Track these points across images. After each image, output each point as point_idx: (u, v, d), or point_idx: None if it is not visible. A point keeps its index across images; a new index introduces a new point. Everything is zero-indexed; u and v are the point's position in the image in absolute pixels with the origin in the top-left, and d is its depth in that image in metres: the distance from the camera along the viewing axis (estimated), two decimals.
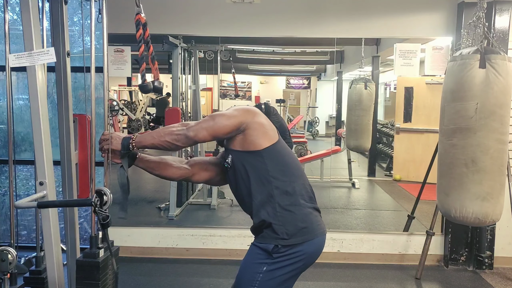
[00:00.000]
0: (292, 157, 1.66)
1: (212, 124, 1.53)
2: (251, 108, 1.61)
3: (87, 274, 1.98)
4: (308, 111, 8.41)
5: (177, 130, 1.54)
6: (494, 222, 2.36)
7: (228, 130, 1.54)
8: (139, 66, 1.83)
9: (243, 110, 1.58)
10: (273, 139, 1.59)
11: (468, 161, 2.27)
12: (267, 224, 1.55)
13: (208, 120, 1.55)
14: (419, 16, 3.40)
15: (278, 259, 1.53)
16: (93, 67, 2.08)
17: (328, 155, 5.72)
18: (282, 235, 1.52)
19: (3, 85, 3.14)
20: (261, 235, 1.58)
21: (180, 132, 1.53)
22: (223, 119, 1.53)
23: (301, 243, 1.55)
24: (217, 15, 3.46)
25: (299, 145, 7.04)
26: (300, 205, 1.57)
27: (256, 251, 1.58)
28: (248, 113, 1.56)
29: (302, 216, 1.57)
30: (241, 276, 1.61)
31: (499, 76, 2.20)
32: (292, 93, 8.48)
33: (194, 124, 1.54)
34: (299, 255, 1.55)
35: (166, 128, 1.58)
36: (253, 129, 1.55)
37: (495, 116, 2.23)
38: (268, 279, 1.53)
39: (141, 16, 1.81)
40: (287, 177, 1.58)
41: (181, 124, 1.57)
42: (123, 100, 7.88)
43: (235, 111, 1.56)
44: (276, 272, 1.53)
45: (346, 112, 5.55)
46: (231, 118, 1.53)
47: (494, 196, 2.28)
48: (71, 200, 2.34)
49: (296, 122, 8.32)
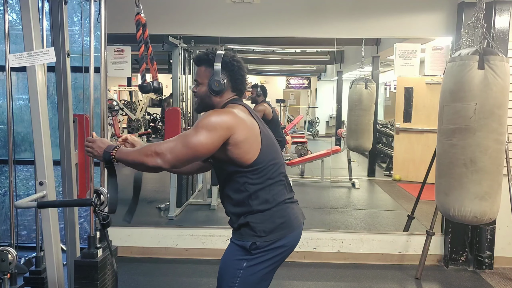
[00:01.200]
0: (272, 153, 1.60)
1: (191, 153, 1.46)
2: (228, 120, 1.49)
3: (85, 274, 1.99)
4: (308, 111, 8.41)
5: (147, 157, 1.45)
6: (491, 220, 2.40)
7: (207, 151, 1.48)
8: (139, 67, 1.84)
9: (222, 127, 1.46)
10: (256, 151, 1.53)
11: (467, 161, 2.30)
12: (243, 223, 1.57)
13: (185, 152, 1.45)
14: (419, 16, 3.40)
15: (257, 255, 1.55)
16: (92, 67, 2.08)
17: (328, 155, 5.72)
18: (259, 232, 1.54)
19: (3, 85, 3.14)
20: (238, 232, 1.59)
21: (150, 161, 1.45)
22: (200, 146, 1.44)
23: (279, 238, 1.57)
24: (217, 15, 3.46)
25: (299, 145, 7.04)
26: (277, 204, 1.59)
27: (234, 248, 1.59)
28: (228, 130, 1.47)
29: (280, 212, 1.59)
30: (222, 273, 1.61)
31: (497, 77, 2.23)
32: (292, 93, 8.48)
33: (169, 153, 1.44)
34: (277, 249, 1.58)
35: (142, 153, 1.48)
36: (235, 146, 1.49)
37: (494, 116, 2.27)
38: (249, 274, 1.55)
39: (141, 16, 1.82)
40: (268, 183, 1.57)
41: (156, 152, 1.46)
42: (123, 100, 7.87)
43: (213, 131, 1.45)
44: (256, 267, 1.56)
45: (347, 112, 5.55)
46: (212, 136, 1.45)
47: (492, 195, 2.32)
48: (71, 200, 2.34)
49: (296, 122, 8.31)
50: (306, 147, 6.99)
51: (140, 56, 1.83)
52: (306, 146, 7.02)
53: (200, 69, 1.62)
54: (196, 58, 1.64)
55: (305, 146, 7.03)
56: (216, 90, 1.57)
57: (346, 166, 5.98)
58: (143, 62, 1.83)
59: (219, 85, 1.57)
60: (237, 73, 1.61)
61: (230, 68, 1.59)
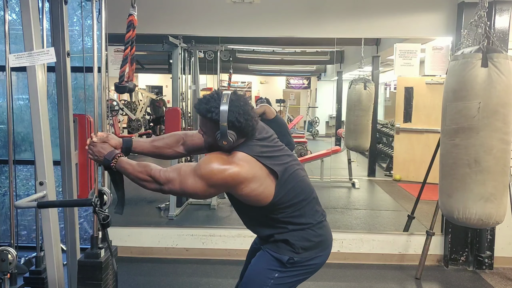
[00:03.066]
0: (295, 184, 1.55)
1: (181, 193, 1.52)
2: (229, 179, 1.43)
3: (89, 274, 1.99)
4: (308, 111, 8.41)
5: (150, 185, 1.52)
6: (497, 224, 2.30)
7: (205, 198, 1.52)
8: (121, 67, 1.84)
9: (221, 185, 1.44)
10: (271, 191, 1.49)
11: (471, 161, 2.23)
12: (281, 239, 1.56)
13: (175, 185, 1.47)
14: (419, 16, 3.40)
15: (291, 269, 1.56)
16: (96, 67, 2.08)
17: (328, 155, 5.72)
18: (297, 250, 1.55)
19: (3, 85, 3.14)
20: (275, 245, 1.58)
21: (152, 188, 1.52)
22: (195, 194, 1.46)
23: (316, 255, 1.59)
24: (217, 15, 3.46)
25: (299, 145, 7.03)
26: (312, 223, 1.59)
27: (269, 257, 1.59)
28: (227, 188, 1.47)
29: (315, 230, 1.59)
30: (251, 278, 1.61)
31: (501, 75, 2.17)
32: (292, 93, 8.47)
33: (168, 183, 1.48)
34: (311, 266, 1.60)
35: (145, 174, 1.52)
36: (243, 196, 1.48)
37: (498, 115, 2.20)
38: (278, 284, 1.56)
39: (134, 18, 1.82)
40: (296, 208, 1.56)
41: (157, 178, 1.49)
42: (123, 100, 7.87)
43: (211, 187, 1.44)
44: (287, 279, 1.57)
45: (346, 112, 5.55)
46: (209, 190, 1.45)
47: (497, 196, 2.24)
48: (71, 200, 2.34)
49: (296, 122, 8.31)
50: (306, 147, 6.98)
51: (124, 57, 1.84)
52: (306, 146, 7.02)
53: (204, 121, 1.52)
54: (199, 109, 1.51)
55: (305, 146, 7.02)
56: (226, 146, 1.49)
57: (346, 166, 5.98)
58: (125, 62, 1.84)
59: (228, 143, 1.48)
60: (246, 126, 1.48)
61: (238, 126, 1.47)
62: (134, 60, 1.89)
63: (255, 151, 1.50)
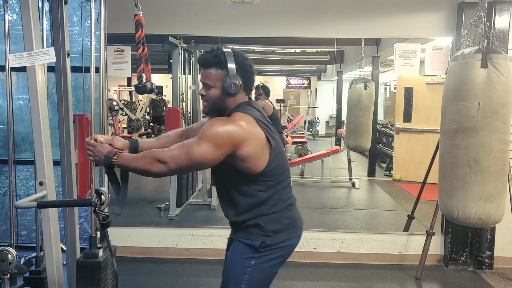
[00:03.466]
0: (281, 162, 1.58)
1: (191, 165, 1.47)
2: (234, 135, 1.45)
3: (88, 274, 1.99)
4: (308, 111, 8.41)
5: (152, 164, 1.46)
6: (496, 223, 2.33)
7: (211, 164, 1.50)
8: (137, 67, 1.84)
9: (227, 143, 1.44)
10: (264, 161, 1.51)
11: (471, 162, 2.24)
12: (252, 224, 1.57)
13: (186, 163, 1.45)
14: (419, 16, 3.40)
15: (265, 253, 1.57)
16: (93, 67, 2.08)
17: (328, 155, 5.72)
18: (268, 232, 1.56)
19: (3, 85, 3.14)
20: (245, 231, 1.59)
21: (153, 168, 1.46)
22: (203, 159, 1.44)
23: (287, 237, 1.61)
24: (217, 15, 3.46)
25: (299, 145, 7.04)
26: (284, 206, 1.61)
27: (242, 246, 1.59)
28: (233, 146, 1.45)
29: (286, 213, 1.62)
30: (229, 271, 1.61)
31: (501, 76, 2.18)
32: (292, 93, 8.47)
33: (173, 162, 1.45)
34: (284, 248, 1.61)
35: (146, 159, 1.48)
36: (241, 160, 1.48)
37: (498, 115, 2.21)
38: (256, 272, 1.57)
39: (141, 17, 1.82)
40: (276, 189, 1.58)
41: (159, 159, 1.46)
42: (123, 100, 7.87)
43: (218, 146, 1.43)
44: (264, 265, 1.58)
45: (346, 112, 5.55)
46: (216, 152, 1.44)
47: (497, 196, 2.25)
48: (71, 200, 2.34)
49: (296, 122, 8.31)
50: (306, 147, 6.99)
51: (138, 57, 1.84)
52: (306, 146, 7.02)
53: (209, 72, 1.54)
54: (204, 60, 1.54)
55: (305, 146, 7.03)
56: (233, 93, 1.52)
57: (346, 166, 5.98)
58: (141, 62, 1.84)
59: (235, 88, 1.51)
60: (250, 72, 1.57)
61: (243, 69, 1.54)
62: (148, 60, 1.88)
63: (256, 115, 1.53)
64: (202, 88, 1.58)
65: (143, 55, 1.84)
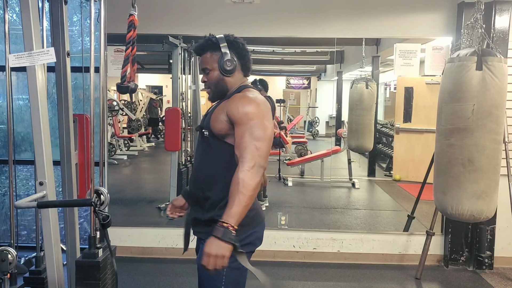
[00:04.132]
0: None
1: (268, 143, 1.46)
2: (265, 108, 1.51)
3: (87, 274, 1.99)
4: (308, 111, 8.42)
5: (253, 180, 1.39)
6: (488, 218, 2.44)
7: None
8: (122, 67, 1.85)
9: (265, 116, 1.48)
10: None
11: (465, 161, 2.34)
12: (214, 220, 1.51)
13: (260, 148, 1.43)
14: (419, 16, 3.40)
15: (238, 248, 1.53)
16: (92, 67, 2.08)
17: (328, 155, 5.72)
18: (237, 226, 1.51)
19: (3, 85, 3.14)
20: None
21: (257, 179, 1.40)
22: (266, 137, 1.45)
23: (253, 229, 1.59)
24: (217, 15, 3.46)
25: (299, 145, 7.04)
26: None
27: None
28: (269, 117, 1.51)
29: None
30: (205, 276, 1.56)
31: (495, 78, 2.26)
32: (292, 93, 8.48)
33: (257, 156, 1.41)
34: (254, 240, 1.60)
35: (243, 184, 1.38)
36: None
37: (492, 117, 2.29)
38: (232, 270, 1.52)
39: (135, 17, 1.82)
40: None
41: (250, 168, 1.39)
42: (123, 100, 7.88)
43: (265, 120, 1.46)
44: (238, 262, 1.52)
45: (348, 112, 5.55)
46: (269, 129, 1.47)
47: (489, 194, 2.35)
48: (71, 200, 2.34)
49: (296, 122, 8.32)
50: (306, 147, 6.99)
51: (125, 57, 1.85)
52: (306, 146, 7.03)
53: (205, 57, 1.60)
54: (199, 47, 1.62)
55: (305, 146, 7.03)
56: (230, 70, 1.57)
57: (346, 166, 5.98)
58: (127, 62, 1.84)
59: (231, 64, 1.57)
60: (243, 49, 1.62)
61: (236, 46, 1.61)
62: (136, 61, 1.89)
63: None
64: (203, 76, 1.62)
65: (131, 55, 1.84)
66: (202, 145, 1.61)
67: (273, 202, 4.75)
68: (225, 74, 1.58)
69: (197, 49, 1.62)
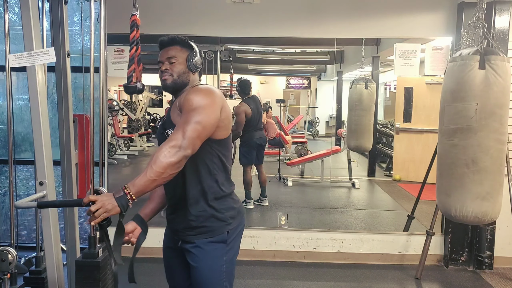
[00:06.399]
0: (230, 138, 1.66)
1: (202, 130, 1.43)
2: (217, 95, 1.54)
3: (87, 274, 1.99)
4: (308, 111, 8.41)
5: (166, 159, 1.36)
6: (492, 220, 2.39)
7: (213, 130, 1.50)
8: (128, 67, 1.85)
9: (215, 101, 1.50)
10: (228, 129, 1.60)
11: (468, 161, 2.29)
12: (207, 216, 1.56)
13: (195, 129, 1.41)
14: (419, 16, 3.40)
15: (231, 243, 1.60)
16: (92, 67, 2.08)
17: (328, 155, 5.72)
18: (228, 220, 1.59)
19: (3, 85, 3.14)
20: (208, 230, 1.57)
21: (171, 159, 1.36)
22: (201, 125, 1.43)
23: (240, 222, 1.65)
24: (217, 15, 3.46)
25: (299, 145, 7.04)
26: (232, 191, 1.66)
27: (211, 247, 1.57)
28: (221, 105, 1.53)
29: (234, 198, 1.66)
30: (207, 278, 1.57)
31: (498, 77, 2.22)
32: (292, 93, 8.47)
33: (182, 138, 1.39)
34: (240, 231, 1.67)
35: (155, 160, 1.36)
36: (221, 120, 1.53)
37: (495, 116, 2.25)
38: (229, 264, 1.61)
39: (137, 17, 1.82)
40: (225, 169, 1.62)
41: (170, 147, 1.37)
42: (123, 100, 7.87)
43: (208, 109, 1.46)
44: (232, 253, 1.62)
45: (347, 112, 5.55)
46: (207, 120, 1.46)
47: (493, 195, 2.30)
48: (71, 200, 2.34)
49: (296, 122, 8.32)
50: (306, 147, 6.99)
51: (130, 57, 1.85)
52: (306, 146, 7.03)
53: (174, 48, 1.63)
54: (169, 38, 1.66)
55: (305, 146, 7.03)
56: (197, 68, 1.63)
57: (346, 166, 5.98)
58: (132, 63, 1.85)
59: (200, 63, 1.64)
60: (200, 55, 1.68)
61: (198, 50, 1.67)
62: (141, 61, 1.89)
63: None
64: (165, 64, 1.62)
65: (136, 55, 1.84)
66: None
67: (273, 202, 4.75)
68: (192, 70, 1.63)
69: (167, 40, 1.66)
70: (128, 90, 1.87)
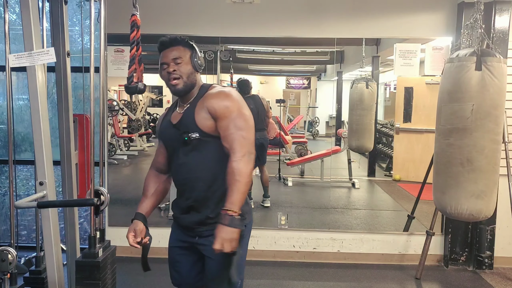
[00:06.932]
0: None
1: (251, 129, 1.59)
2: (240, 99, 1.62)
3: (87, 274, 1.99)
4: (308, 111, 8.41)
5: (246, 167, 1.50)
6: (486, 218, 2.46)
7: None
8: (129, 67, 1.85)
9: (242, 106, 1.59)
10: None
11: (464, 161, 2.35)
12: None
13: (246, 136, 1.55)
14: (419, 16, 3.40)
15: (244, 239, 1.64)
16: (92, 67, 2.08)
17: (328, 155, 5.72)
18: (244, 215, 1.59)
19: (3, 85, 3.14)
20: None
21: (250, 166, 1.51)
22: (249, 126, 1.58)
23: (251, 218, 1.70)
24: (217, 15, 3.46)
25: (299, 145, 7.04)
26: None
27: None
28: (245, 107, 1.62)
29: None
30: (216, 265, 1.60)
31: (494, 78, 2.26)
32: (292, 93, 8.47)
33: (245, 144, 1.53)
34: (250, 227, 1.72)
35: (238, 173, 1.48)
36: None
37: (491, 117, 2.30)
38: (242, 258, 1.62)
39: (137, 17, 1.83)
40: None
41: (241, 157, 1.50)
42: (123, 100, 7.87)
43: (243, 110, 1.58)
44: (245, 248, 1.68)
45: (348, 112, 5.55)
46: (248, 118, 1.59)
47: (487, 194, 2.36)
48: (71, 200, 2.35)
49: (296, 122, 8.31)
50: (306, 147, 6.99)
51: (131, 57, 1.85)
52: (306, 146, 7.02)
53: (178, 48, 1.63)
54: (171, 39, 1.66)
55: (305, 146, 7.02)
56: (202, 66, 1.66)
57: (346, 166, 5.98)
58: (133, 63, 1.85)
59: (203, 62, 1.67)
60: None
61: (198, 50, 1.69)
62: (142, 61, 1.89)
63: None
64: (171, 65, 1.62)
65: (137, 56, 1.84)
66: (187, 149, 1.61)
67: (273, 202, 4.74)
68: (197, 70, 1.65)
69: (170, 40, 1.65)
70: (129, 90, 1.87)
